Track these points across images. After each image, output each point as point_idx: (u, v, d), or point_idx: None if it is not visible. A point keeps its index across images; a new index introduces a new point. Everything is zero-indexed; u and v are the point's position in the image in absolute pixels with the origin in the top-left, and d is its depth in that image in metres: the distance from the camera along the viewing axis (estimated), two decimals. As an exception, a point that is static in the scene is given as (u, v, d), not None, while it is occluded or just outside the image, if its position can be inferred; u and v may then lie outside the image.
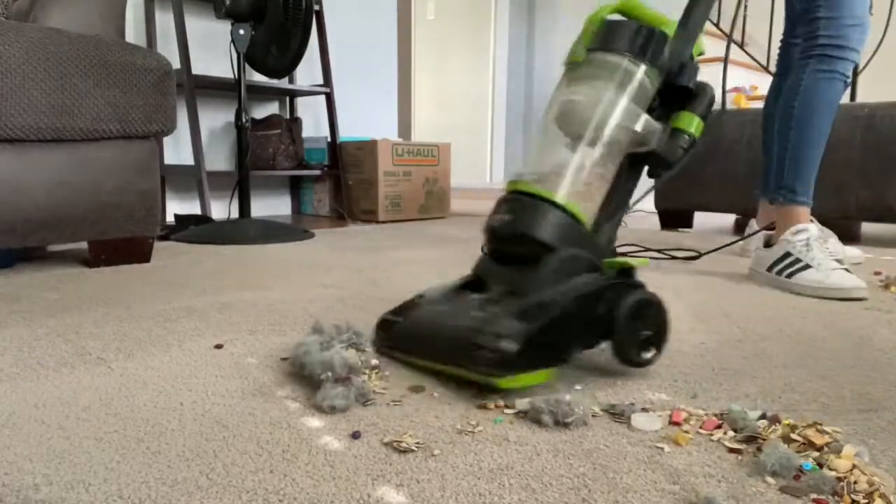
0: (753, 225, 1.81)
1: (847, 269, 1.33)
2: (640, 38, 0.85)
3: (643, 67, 0.84)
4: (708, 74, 3.15)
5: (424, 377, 0.79)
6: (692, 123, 0.87)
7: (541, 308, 0.73)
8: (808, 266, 1.35)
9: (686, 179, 2.44)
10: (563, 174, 0.82)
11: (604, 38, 0.86)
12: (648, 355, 0.79)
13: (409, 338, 0.82)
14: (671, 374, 0.81)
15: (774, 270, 1.41)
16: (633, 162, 0.86)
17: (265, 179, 3.15)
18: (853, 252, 1.70)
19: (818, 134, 1.48)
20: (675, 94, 0.87)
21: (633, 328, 0.77)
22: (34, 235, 1.39)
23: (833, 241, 1.71)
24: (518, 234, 0.79)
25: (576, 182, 0.82)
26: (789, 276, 1.37)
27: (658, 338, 0.80)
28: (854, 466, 0.54)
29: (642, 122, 0.84)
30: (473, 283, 0.85)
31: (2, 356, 0.86)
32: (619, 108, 0.83)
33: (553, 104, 0.88)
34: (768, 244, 1.51)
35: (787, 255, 1.40)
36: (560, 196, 0.80)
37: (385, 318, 0.86)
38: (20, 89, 1.31)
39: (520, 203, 0.81)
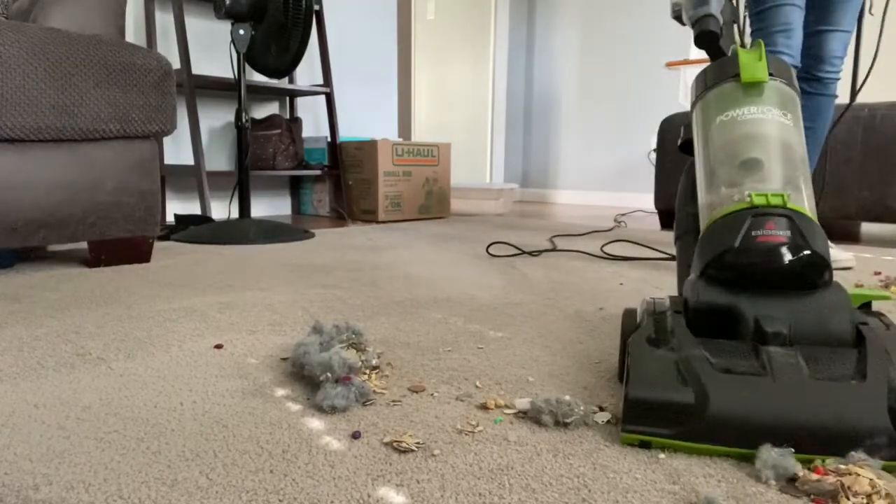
0: None
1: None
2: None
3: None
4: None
5: (424, 377, 0.79)
6: None
7: None
8: None
9: (686, 179, 2.44)
10: (800, 194, 0.74)
11: (779, 69, 0.84)
12: None
13: (741, 425, 0.57)
14: (671, 375, 0.81)
15: None
16: None
17: (265, 179, 3.16)
18: (844, 256, 1.68)
19: None
20: None
21: None
22: (34, 235, 1.39)
23: None
24: (812, 258, 0.67)
25: (809, 203, 0.75)
26: None
27: None
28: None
29: None
30: (712, 313, 0.69)
31: (2, 356, 0.86)
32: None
33: (755, 121, 0.80)
34: None
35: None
36: (812, 213, 0.73)
37: (663, 400, 0.59)
38: (20, 89, 1.31)
39: (798, 220, 0.69)
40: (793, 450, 0.55)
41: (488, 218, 3.13)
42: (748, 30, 1.64)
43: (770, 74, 0.83)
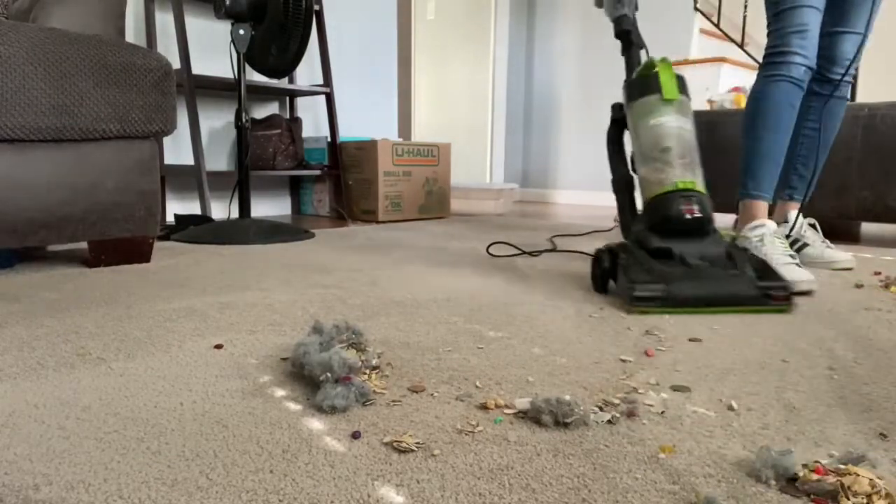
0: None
1: (798, 264, 1.41)
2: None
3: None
4: (706, 75, 3.17)
5: (424, 377, 0.79)
6: None
7: (765, 264, 1.24)
8: None
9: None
10: (697, 175, 1.29)
11: (682, 86, 1.34)
12: None
13: (692, 297, 1.15)
14: (670, 374, 0.81)
15: None
16: None
17: (265, 179, 3.15)
18: (843, 256, 1.68)
19: (766, 132, 1.59)
20: None
21: None
22: (34, 235, 1.39)
23: (818, 242, 1.71)
24: (707, 218, 1.24)
25: (701, 177, 1.30)
26: None
27: None
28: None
29: None
30: (660, 252, 1.23)
31: (2, 356, 0.86)
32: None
33: (668, 126, 1.30)
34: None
35: (745, 250, 1.48)
36: (704, 191, 1.28)
37: (645, 293, 1.14)
38: (20, 89, 1.31)
39: (701, 198, 1.25)
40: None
41: (488, 218, 3.13)
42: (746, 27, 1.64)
43: (682, 93, 1.33)
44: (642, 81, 1.36)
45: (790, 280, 1.33)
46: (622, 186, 1.45)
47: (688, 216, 1.22)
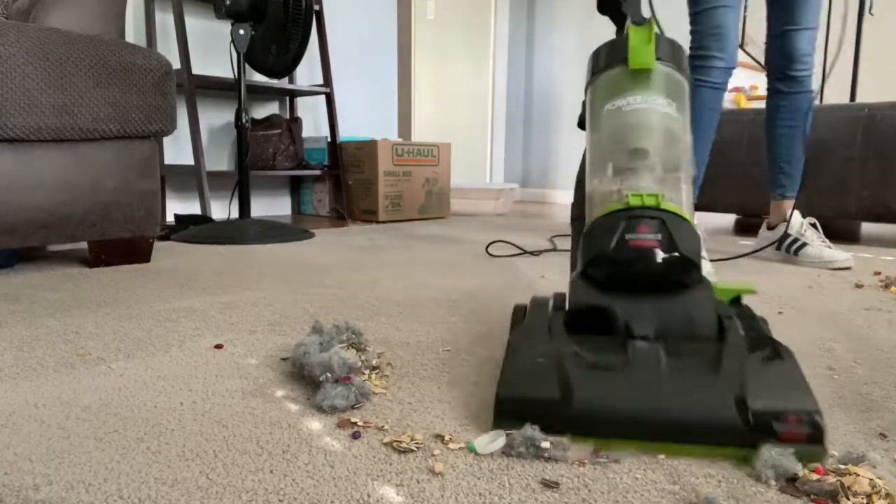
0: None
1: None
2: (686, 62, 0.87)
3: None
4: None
5: (424, 377, 0.79)
6: None
7: (791, 366, 0.62)
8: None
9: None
10: (678, 188, 0.75)
11: (667, 51, 0.84)
12: None
13: (612, 417, 0.59)
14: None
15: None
16: None
17: (265, 179, 3.16)
18: (843, 256, 1.67)
19: None
20: None
21: None
22: (34, 235, 1.39)
23: (818, 242, 1.71)
24: (679, 259, 0.68)
25: (688, 197, 0.76)
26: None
27: None
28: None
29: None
30: (591, 314, 0.70)
31: (2, 356, 0.86)
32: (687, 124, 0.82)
33: (639, 111, 0.78)
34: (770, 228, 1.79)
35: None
36: (687, 214, 0.71)
37: (542, 398, 0.61)
38: (20, 89, 1.31)
39: (669, 222, 0.69)
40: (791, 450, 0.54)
41: (488, 218, 3.13)
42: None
43: (658, 59, 0.81)
44: (606, 48, 0.86)
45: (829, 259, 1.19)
46: (581, 213, 0.84)
47: (635, 249, 0.69)
